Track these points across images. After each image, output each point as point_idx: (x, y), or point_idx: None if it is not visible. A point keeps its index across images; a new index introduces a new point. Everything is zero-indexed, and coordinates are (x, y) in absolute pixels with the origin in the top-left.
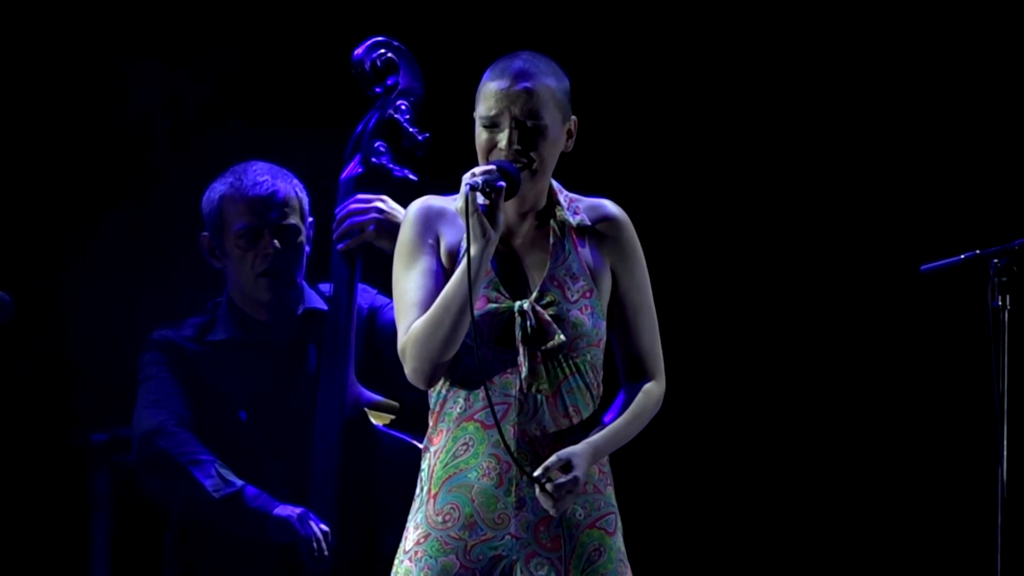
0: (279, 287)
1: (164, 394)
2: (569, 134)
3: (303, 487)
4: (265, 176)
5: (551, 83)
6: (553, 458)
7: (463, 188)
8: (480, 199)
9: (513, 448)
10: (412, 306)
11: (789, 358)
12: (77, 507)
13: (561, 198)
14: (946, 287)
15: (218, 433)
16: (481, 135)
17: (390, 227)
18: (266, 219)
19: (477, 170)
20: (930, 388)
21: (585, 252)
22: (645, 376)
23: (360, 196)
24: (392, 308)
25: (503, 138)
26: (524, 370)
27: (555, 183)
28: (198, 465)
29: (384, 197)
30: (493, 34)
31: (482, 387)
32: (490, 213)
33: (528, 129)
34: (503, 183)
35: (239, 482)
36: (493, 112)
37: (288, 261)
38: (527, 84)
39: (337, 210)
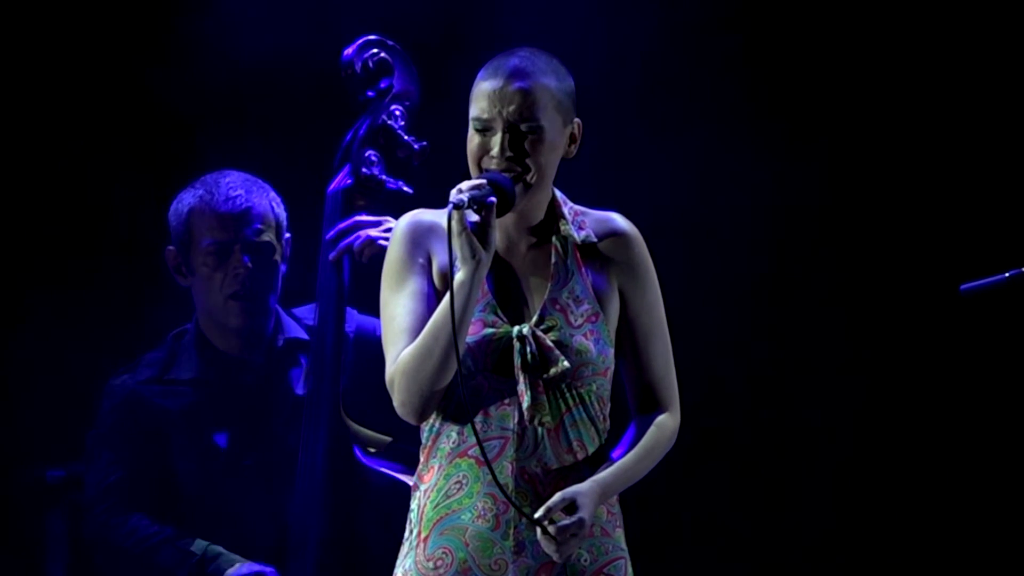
0: (250, 311)
1: (116, 470)
2: (572, 139)
3: (283, 530)
4: (239, 190)
5: (550, 83)
6: (556, 497)
7: (448, 206)
8: (471, 216)
9: (511, 487)
10: (401, 333)
11: (820, 387)
12: (31, 549)
13: (565, 211)
14: (989, 308)
15: (187, 481)
16: (472, 140)
17: None
18: (238, 235)
19: (465, 185)
20: (970, 417)
21: (591, 272)
22: (658, 407)
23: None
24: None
25: (495, 143)
26: (526, 400)
27: (559, 194)
28: (154, 550)
29: (391, 219)
30: (496, 31)
31: (472, 419)
32: (481, 232)
33: (523, 134)
34: (494, 199)
35: (198, 549)
36: (485, 114)
37: (261, 282)
38: (522, 84)
39: (332, 228)
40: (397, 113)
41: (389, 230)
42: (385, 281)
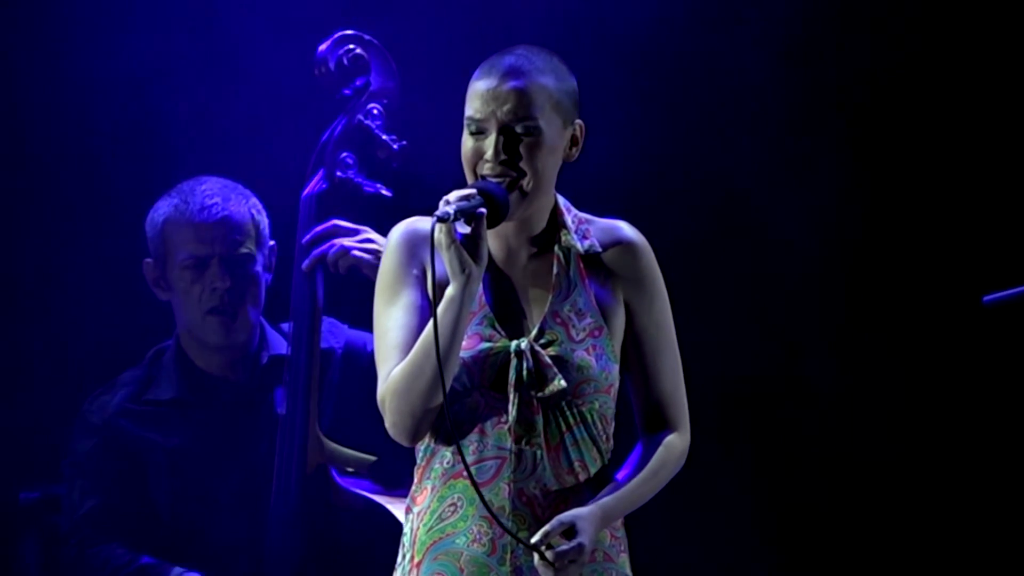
0: (231, 327)
1: (90, 499)
2: (574, 141)
3: (261, 556)
4: (215, 198)
5: (548, 82)
6: (554, 521)
7: (432, 218)
8: (461, 228)
9: (508, 509)
10: (393, 349)
11: (838, 402)
12: (4, 571)
13: (568, 219)
14: (1013, 320)
15: (165, 507)
16: (466, 143)
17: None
18: (215, 248)
19: (453, 196)
20: (996, 431)
21: (594, 284)
22: (666, 427)
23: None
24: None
25: (489, 146)
26: (510, 418)
27: (562, 201)
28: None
29: (369, 229)
30: (484, 25)
31: (458, 442)
32: (471, 244)
33: (518, 136)
34: (484, 210)
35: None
36: (478, 115)
37: (241, 296)
38: (517, 83)
39: (303, 237)
40: (375, 112)
41: (366, 241)
42: (378, 294)
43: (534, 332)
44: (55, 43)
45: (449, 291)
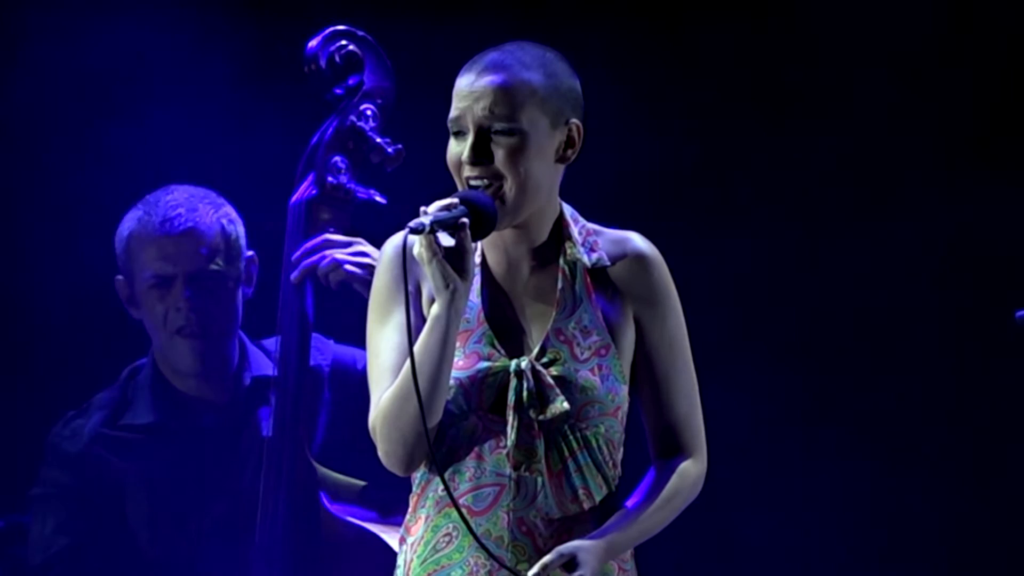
0: (201, 351)
1: (61, 538)
2: (571, 142)
3: None
4: (179, 208)
5: (533, 78)
6: (553, 553)
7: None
8: (445, 240)
9: (507, 539)
10: (385, 371)
11: (864, 421)
12: None
13: (574, 230)
14: None
15: (143, 540)
16: (450, 147)
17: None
18: (179, 265)
19: (432, 206)
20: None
21: (602, 299)
22: (680, 452)
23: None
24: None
25: (465, 148)
26: (509, 443)
27: (568, 211)
28: None
29: (362, 241)
30: (488, 20)
31: (457, 461)
32: (456, 258)
33: (494, 137)
34: (466, 220)
35: None
36: (456, 114)
37: (212, 316)
38: (496, 79)
39: (297, 246)
40: (368, 113)
41: (359, 254)
42: (371, 313)
43: (535, 351)
44: (17, 36)
45: (434, 309)
